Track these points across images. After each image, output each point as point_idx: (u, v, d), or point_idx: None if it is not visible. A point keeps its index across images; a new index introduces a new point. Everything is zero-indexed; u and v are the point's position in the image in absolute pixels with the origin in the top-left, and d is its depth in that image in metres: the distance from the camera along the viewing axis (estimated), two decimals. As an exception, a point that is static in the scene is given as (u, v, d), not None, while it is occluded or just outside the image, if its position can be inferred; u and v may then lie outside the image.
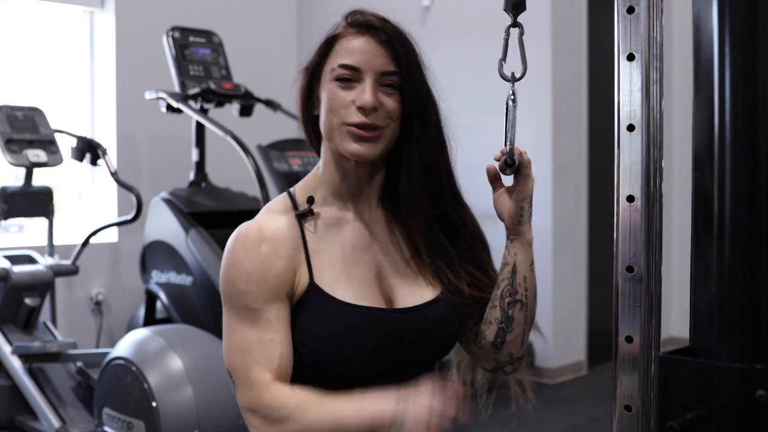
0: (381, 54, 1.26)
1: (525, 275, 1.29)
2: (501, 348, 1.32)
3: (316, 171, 1.34)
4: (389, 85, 1.26)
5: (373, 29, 1.26)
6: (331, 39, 1.28)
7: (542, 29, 4.95)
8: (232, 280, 1.25)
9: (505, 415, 4.34)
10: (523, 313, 1.30)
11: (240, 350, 1.24)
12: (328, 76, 1.27)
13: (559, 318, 5.06)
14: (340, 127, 1.25)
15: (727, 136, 0.88)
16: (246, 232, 1.27)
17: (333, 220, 1.31)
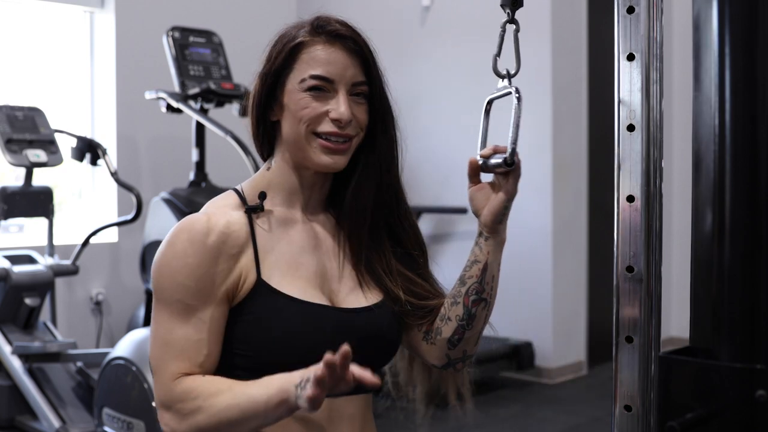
0: (351, 64, 1.26)
1: (493, 275, 1.27)
2: (457, 345, 1.31)
3: (264, 172, 1.33)
4: (359, 94, 1.27)
5: (342, 38, 1.27)
6: (296, 46, 1.26)
7: (542, 29, 4.95)
8: (172, 273, 1.20)
9: (505, 415, 4.35)
10: (485, 312, 1.30)
11: (163, 343, 1.20)
12: (296, 85, 1.25)
13: (559, 318, 5.06)
14: (310, 138, 1.24)
15: (727, 136, 0.88)
16: (192, 224, 1.23)
17: (282, 220, 1.29)
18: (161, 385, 1.20)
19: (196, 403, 1.17)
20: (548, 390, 4.87)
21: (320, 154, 1.25)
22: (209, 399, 1.16)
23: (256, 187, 1.31)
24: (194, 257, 1.20)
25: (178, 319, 1.20)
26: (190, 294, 1.19)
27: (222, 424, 1.16)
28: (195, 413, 1.17)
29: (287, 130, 1.27)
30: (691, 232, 0.92)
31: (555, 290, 5.03)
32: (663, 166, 0.99)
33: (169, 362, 1.19)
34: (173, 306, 1.20)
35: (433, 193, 5.29)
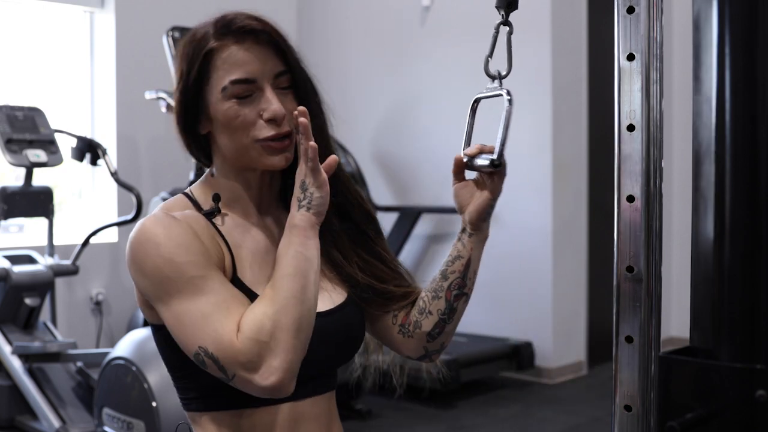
0: (268, 56, 1.21)
1: (475, 270, 1.28)
2: (436, 338, 1.31)
3: (210, 178, 1.29)
4: (284, 87, 1.22)
5: (252, 33, 1.21)
6: (207, 53, 1.20)
7: (542, 29, 4.95)
8: (169, 259, 1.15)
9: (505, 415, 4.35)
10: (464, 306, 1.31)
11: (203, 321, 1.12)
12: (218, 95, 1.20)
13: (559, 318, 5.06)
14: (252, 145, 1.20)
15: (727, 136, 0.88)
16: (157, 219, 1.19)
17: (238, 221, 1.27)
18: (232, 351, 1.10)
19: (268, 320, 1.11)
20: (548, 390, 4.87)
21: (267, 157, 1.21)
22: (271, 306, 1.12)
23: (206, 191, 1.27)
24: (179, 236, 1.16)
25: (200, 293, 1.14)
26: (195, 267, 1.15)
27: (298, 304, 1.12)
28: (275, 326, 1.11)
29: (224, 142, 1.22)
30: (691, 232, 0.92)
31: (555, 290, 5.03)
32: (663, 166, 0.99)
33: (222, 327, 1.11)
34: (188, 286, 1.14)
35: (433, 193, 5.29)
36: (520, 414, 4.41)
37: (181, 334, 1.15)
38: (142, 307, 1.24)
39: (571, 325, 5.17)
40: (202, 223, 1.22)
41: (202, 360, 1.13)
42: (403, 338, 1.34)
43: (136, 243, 1.19)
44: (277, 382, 1.10)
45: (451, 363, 4.38)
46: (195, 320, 1.12)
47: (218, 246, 1.21)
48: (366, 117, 5.68)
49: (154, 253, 1.16)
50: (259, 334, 1.10)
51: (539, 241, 5.00)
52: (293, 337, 1.11)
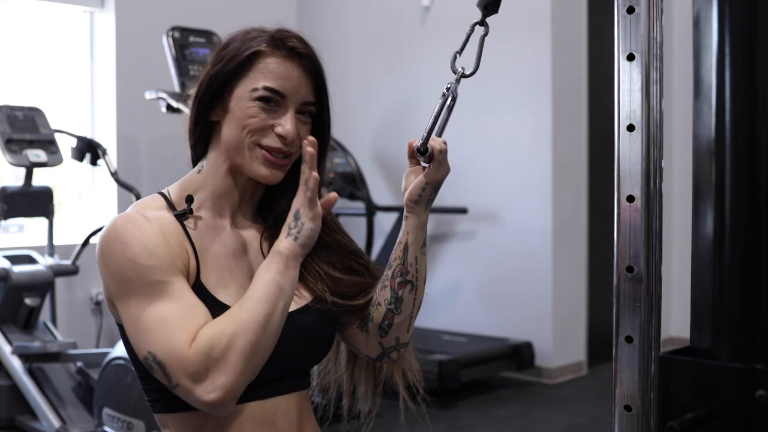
0: (304, 84, 1.26)
1: (416, 256, 1.28)
2: (388, 331, 1.31)
3: (195, 174, 1.31)
4: (306, 114, 1.28)
5: (300, 56, 1.26)
6: (253, 54, 1.25)
7: (542, 29, 4.95)
8: (133, 260, 1.16)
9: (505, 415, 4.35)
10: (413, 295, 1.30)
11: (159, 325, 1.13)
12: (247, 92, 1.24)
13: (559, 318, 5.06)
14: (253, 147, 1.24)
15: (727, 136, 0.88)
16: (128, 218, 1.20)
17: (210, 225, 1.28)
18: (180, 360, 1.11)
19: (225, 338, 1.12)
20: (548, 390, 4.87)
21: (259, 165, 1.25)
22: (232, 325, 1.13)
23: (184, 191, 1.29)
24: (148, 239, 1.18)
25: (158, 298, 1.15)
26: (159, 271, 1.16)
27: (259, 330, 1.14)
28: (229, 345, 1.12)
29: (228, 134, 1.25)
30: (691, 232, 0.92)
31: (555, 290, 5.03)
32: (663, 166, 0.99)
33: (174, 336, 1.12)
34: (148, 289, 1.15)
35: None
36: (520, 414, 4.41)
37: (135, 336, 1.16)
38: (108, 304, 1.24)
39: (571, 325, 5.17)
40: (173, 225, 1.23)
41: (150, 364, 1.14)
42: (362, 335, 1.34)
43: (105, 240, 1.19)
44: (217, 400, 1.11)
45: (451, 363, 4.38)
46: (149, 324, 1.14)
47: (185, 250, 1.22)
48: (366, 117, 5.68)
49: (120, 253, 1.17)
50: (212, 350, 1.11)
51: (539, 241, 5.00)
52: (244, 360, 1.12)
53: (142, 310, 1.15)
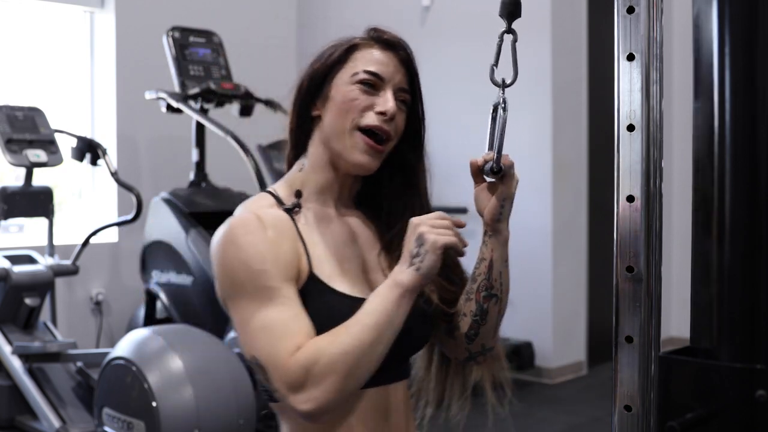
0: (400, 71, 1.34)
1: (500, 271, 1.31)
2: (474, 339, 1.35)
3: (296, 173, 1.37)
4: (401, 101, 1.33)
5: (395, 47, 1.35)
6: (352, 46, 1.33)
7: (542, 29, 4.95)
8: (246, 264, 1.21)
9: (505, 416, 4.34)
10: (497, 307, 1.33)
11: (263, 331, 1.19)
12: (346, 79, 1.31)
13: (559, 318, 5.06)
14: (353, 132, 1.29)
15: (727, 136, 0.88)
16: (243, 220, 1.26)
17: (318, 217, 1.34)
18: (281, 369, 1.16)
19: (326, 357, 1.15)
20: (548, 390, 4.87)
21: (358, 152, 1.29)
22: (335, 346, 1.16)
23: (290, 187, 1.35)
24: (261, 244, 1.23)
25: (266, 304, 1.20)
26: (269, 277, 1.21)
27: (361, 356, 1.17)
28: (329, 365, 1.15)
29: (330, 120, 1.31)
30: (691, 232, 0.92)
31: (555, 290, 5.03)
32: (663, 166, 0.99)
33: (279, 344, 1.17)
34: (257, 294, 1.20)
35: (433, 192, 5.29)
36: (520, 414, 4.41)
37: (242, 336, 1.23)
38: (222, 302, 1.29)
39: (571, 325, 5.17)
40: (284, 222, 1.29)
41: (255, 366, 1.21)
42: (450, 340, 1.38)
43: (221, 242, 1.25)
44: (310, 411, 1.17)
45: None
46: (255, 329, 1.20)
47: (296, 249, 1.27)
48: (366, 117, 5.67)
49: (233, 255, 1.23)
50: (313, 366, 1.16)
51: (539, 241, 4.99)
52: (342, 381, 1.17)
53: (251, 314, 1.20)
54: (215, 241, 1.26)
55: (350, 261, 1.32)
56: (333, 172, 1.34)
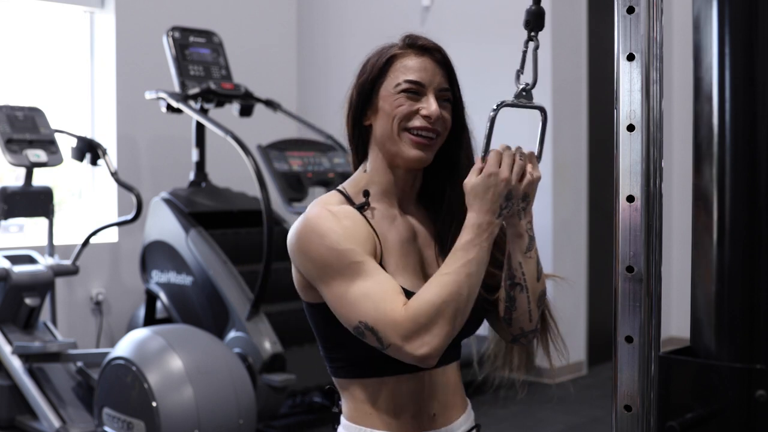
0: (438, 73, 1.44)
1: (519, 261, 1.40)
2: (511, 323, 1.45)
3: (362, 173, 1.48)
4: (444, 100, 1.43)
5: (430, 51, 1.44)
6: (390, 57, 1.43)
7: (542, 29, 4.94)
8: (331, 247, 1.32)
9: (505, 415, 4.35)
10: (525, 294, 1.42)
11: (364, 297, 1.29)
12: (390, 90, 1.42)
13: (559, 318, 5.05)
14: (402, 134, 1.40)
15: (727, 136, 0.88)
16: (318, 214, 1.36)
17: (384, 214, 1.44)
18: (392, 323, 1.27)
19: (434, 307, 1.26)
20: (548, 390, 4.87)
21: (410, 148, 1.40)
22: (437, 293, 1.27)
23: (357, 186, 1.46)
24: (341, 228, 1.34)
25: (358, 276, 1.31)
26: (355, 254, 1.32)
27: (461, 298, 1.28)
28: (437, 312, 1.26)
29: (380, 129, 1.43)
30: (692, 232, 0.92)
31: (555, 290, 5.01)
32: (663, 166, 0.99)
33: (383, 304, 1.28)
34: (347, 270, 1.31)
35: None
36: (520, 414, 4.41)
37: (342, 310, 1.32)
38: (302, 289, 1.41)
39: (571, 325, 5.16)
40: (356, 215, 1.40)
41: (361, 332, 1.30)
42: (497, 322, 1.49)
43: (302, 233, 1.36)
44: (426, 354, 1.27)
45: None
46: (356, 298, 1.30)
47: (371, 236, 1.38)
48: (366, 117, 5.67)
49: (318, 243, 1.34)
50: (421, 315, 1.27)
51: (539, 241, 4.94)
52: (449, 323, 1.28)
53: (346, 288, 1.31)
54: (293, 234, 1.37)
55: (411, 257, 1.42)
56: (393, 173, 1.44)
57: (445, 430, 1.43)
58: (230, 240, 4.30)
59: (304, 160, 4.50)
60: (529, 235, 1.39)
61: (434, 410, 1.42)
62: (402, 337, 1.27)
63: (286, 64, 5.91)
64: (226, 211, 4.44)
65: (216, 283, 4.03)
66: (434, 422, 1.42)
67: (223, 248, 4.16)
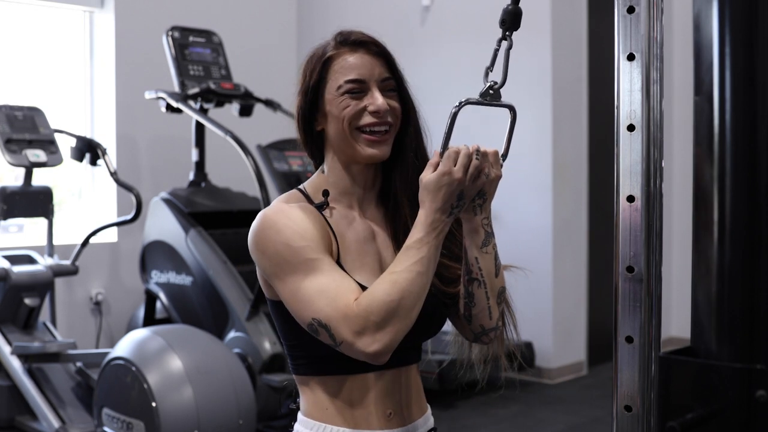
0: (377, 64, 1.42)
1: (476, 256, 1.39)
2: (471, 321, 1.44)
3: (320, 174, 1.48)
4: (389, 89, 1.43)
5: (364, 44, 1.42)
6: (327, 60, 1.42)
7: (542, 29, 4.95)
8: (286, 243, 1.33)
9: (505, 415, 4.35)
10: (483, 289, 1.41)
11: (317, 294, 1.30)
12: (334, 93, 1.41)
13: (559, 318, 5.06)
14: (354, 134, 1.40)
15: (727, 136, 0.88)
16: (277, 210, 1.38)
17: (342, 214, 1.45)
18: (344, 320, 1.28)
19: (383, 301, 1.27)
20: (548, 390, 4.87)
21: (365, 147, 1.40)
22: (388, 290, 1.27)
23: (316, 187, 1.46)
24: (299, 224, 1.35)
25: (313, 273, 1.32)
26: (310, 250, 1.33)
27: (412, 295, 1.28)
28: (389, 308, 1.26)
29: (333, 134, 1.42)
30: (692, 232, 0.92)
31: (555, 290, 5.03)
32: (663, 166, 0.99)
33: (336, 301, 1.29)
34: (302, 266, 1.32)
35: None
36: (520, 414, 4.41)
37: (296, 306, 1.33)
38: (264, 285, 1.42)
39: (571, 325, 5.17)
40: (315, 214, 1.41)
41: (315, 329, 1.31)
42: (457, 320, 1.48)
43: (259, 230, 1.37)
44: (378, 351, 1.28)
45: (452, 363, 4.38)
46: (309, 295, 1.31)
47: (327, 235, 1.39)
48: (366, 117, 5.67)
49: (274, 239, 1.35)
50: (372, 312, 1.27)
51: (539, 241, 4.99)
52: (400, 321, 1.29)
53: (299, 284, 1.32)
54: (253, 230, 1.37)
55: (369, 256, 1.43)
56: (350, 173, 1.45)
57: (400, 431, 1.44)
58: (230, 240, 4.30)
59: (303, 160, 4.50)
60: (485, 231, 1.38)
61: (390, 409, 1.42)
62: (354, 333, 1.28)
63: (286, 64, 5.91)
64: (226, 211, 4.44)
65: (216, 283, 4.03)
66: (390, 421, 1.43)
67: (222, 248, 4.16)
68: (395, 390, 1.43)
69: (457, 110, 1.30)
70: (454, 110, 1.30)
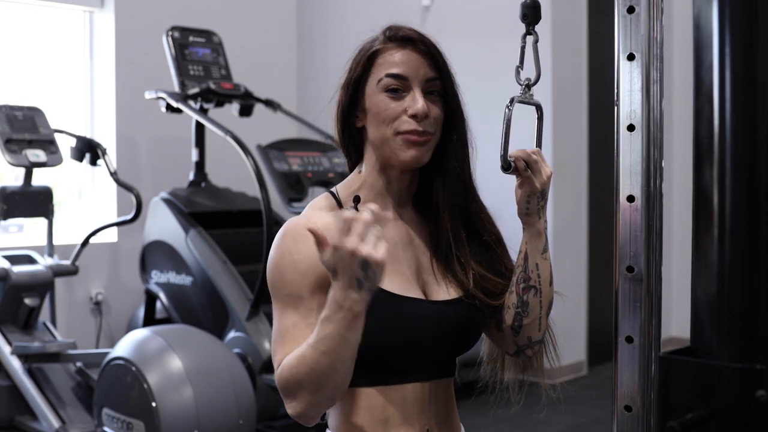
0: (423, 63, 1.36)
1: (537, 262, 1.36)
2: (519, 332, 1.40)
3: (357, 175, 1.42)
4: (433, 91, 1.36)
5: (412, 42, 1.37)
6: (372, 54, 1.38)
7: (542, 29, 4.93)
8: (280, 271, 1.31)
9: (505, 415, 4.34)
10: (538, 298, 1.39)
11: (277, 334, 1.30)
12: (374, 88, 1.36)
13: (559, 318, 5.04)
14: (394, 138, 1.34)
15: (727, 136, 0.88)
16: (295, 226, 1.33)
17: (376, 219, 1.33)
18: (276, 375, 1.27)
19: (295, 375, 1.22)
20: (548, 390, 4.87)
21: (405, 150, 1.33)
22: (299, 366, 1.21)
23: (350, 189, 1.41)
24: (298, 254, 1.30)
25: (289, 310, 1.29)
26: (297, 287, 1.29)
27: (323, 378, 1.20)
28: (300, 383, 1.22)
29: (372, 133, 1.37)
30: (692, 232, 0.92)
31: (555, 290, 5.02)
32: (663, 166, 0.99)
33: (278, 351, 1.28)
34: (284, 299, 1.30)
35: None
36: (520, 414, 4.40)
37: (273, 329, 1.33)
38: None
39: (571, 325, 5.17)
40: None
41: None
42: (499, 334, 1.44)
43: (274, 243, 1.35)
44: (295, 415, 1.26)
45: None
46: (277, 329, 1.31)
47: None
48: (366, 117, 5.67)
49: (275, 260, 1.33)
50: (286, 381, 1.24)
51: (539, 241, 4.99)
52: (310, 395, 1.23)
53: (278, 314, 1.31)
54: (275, 240, 1.35)
55: (401, 263, 1.37)
56: (387, 175, 1.39)
57: None
58: (230, 240, 4.30)
59: (303, 160, 4.50)
60: (545, 235, 1.36)
61: (427, 425, 1.36)
62: (279, 389, 1.27)
63: (286, 64, 5.91)
64: (226, 211, 4.44)
65: (216, 283, 4.02)
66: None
67: (222, 248, 4.16)
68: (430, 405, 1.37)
69: (510, 111, 1.29)
70: (508, 112, 1.29)
